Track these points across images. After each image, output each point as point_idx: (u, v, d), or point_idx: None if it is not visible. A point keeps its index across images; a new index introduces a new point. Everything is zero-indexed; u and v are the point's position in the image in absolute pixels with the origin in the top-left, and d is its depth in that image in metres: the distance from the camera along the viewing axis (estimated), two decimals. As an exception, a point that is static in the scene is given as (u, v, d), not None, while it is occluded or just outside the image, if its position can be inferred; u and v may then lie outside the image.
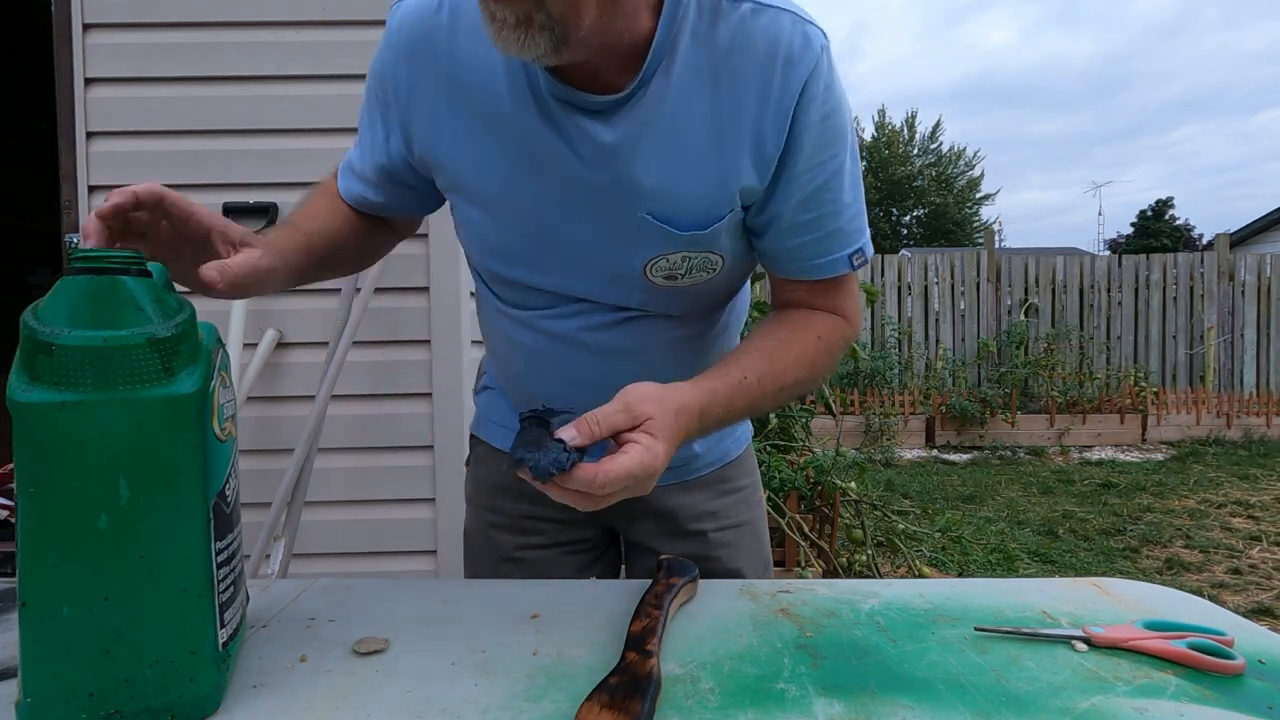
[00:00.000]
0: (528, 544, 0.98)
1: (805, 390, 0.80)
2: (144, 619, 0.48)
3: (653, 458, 0.59)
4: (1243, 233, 12.43)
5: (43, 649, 0.46)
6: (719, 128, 0.70)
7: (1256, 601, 3.23)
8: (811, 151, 0.72)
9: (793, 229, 0.76)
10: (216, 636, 0.51)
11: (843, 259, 0.77)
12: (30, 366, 0.46)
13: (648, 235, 0.73)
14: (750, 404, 0.72)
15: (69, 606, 0.46)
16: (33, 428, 0.46)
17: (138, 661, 0.48)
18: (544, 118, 0.71)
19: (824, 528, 3.12)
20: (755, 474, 1.04)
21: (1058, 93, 69.93)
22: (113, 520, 0.47)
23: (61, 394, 0.46)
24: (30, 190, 4.07)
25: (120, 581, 0.47)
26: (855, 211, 0.77)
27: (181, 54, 1.95)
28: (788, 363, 0.75)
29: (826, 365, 0.78)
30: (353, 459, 2.02)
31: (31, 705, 0.46)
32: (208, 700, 0.50)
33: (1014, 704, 0.51)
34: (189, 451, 0.49)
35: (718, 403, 0.68)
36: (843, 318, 0.80)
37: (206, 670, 0.50)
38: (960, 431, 6.93)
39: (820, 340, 0.78)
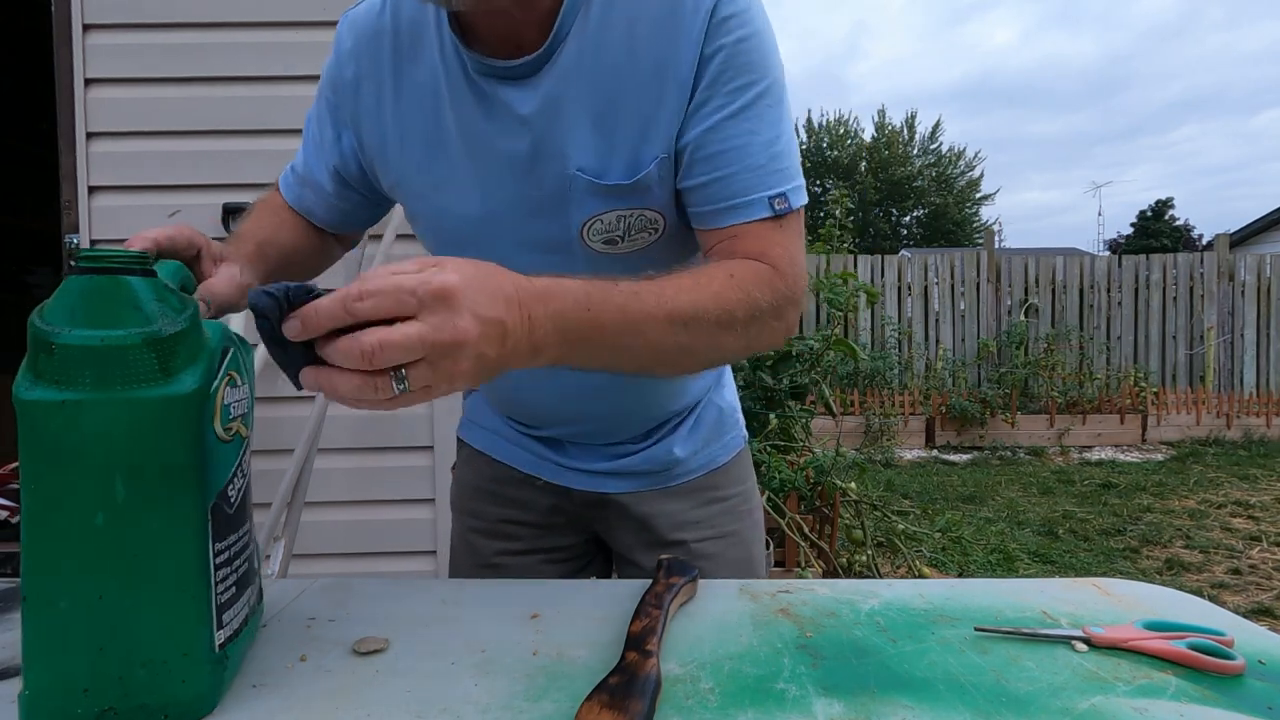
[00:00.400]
0: (506, 549, 0.97)
1: (717, 329, 0.64)
2: (137, 618, 0.48)
3: (434, 272, 0.49)
4: (1242, 233, 12.44)
5: (42, 643, 0.47)
6: (638, 69, 0.69)
7: (1256, 601, 3.23)
8: (722, 75, 0.69)
9: (705, 162, 0.70)
10: (213, 638, 0.51)
11: (761, 201, 0.70)
12: (34, 365, 0.47)
13: (578, 193, 0.72)
14: (623, 312, 0.59)
15: (66, 602, 0.47)
16: (34, 425, 0.46)
17: (130, 660, 0.48)
18: (477, 99, 0.73)
19: (824, 528, 3.12)
20: (746, 483, 1.00)
21: (1058, 93, 70.05)
22: (109, 518, 0.47)
23: (61, 392, 0.46)
24: (30, 190, 4.07)
25: (115, 580, 0.47)
26: (777, 152, 0.71)
27: (181, 54, 1.96)
28: (682, 288, 0.63)
29: (744, 307, 0.66)
30: (353, 459, 2.02)
31: (30, 698, 0.47)
32: (202, 701, 0.50)
33: (1014, 704, 0.51)
34: (187, 452, 0.49)
35: (568, 286, 0.57)
36: (767, 264, 0.70)
37: (199, 672, 0.50)
38: (960, 432, 6.93)
39: (733, 278, 0.67)
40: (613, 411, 0.90)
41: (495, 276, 0.52)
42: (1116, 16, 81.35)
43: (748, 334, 0.67)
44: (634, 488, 0.93)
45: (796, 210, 0.72)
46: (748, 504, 0.99)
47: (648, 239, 0.75)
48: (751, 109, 0.70)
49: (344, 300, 0.47)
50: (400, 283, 0.47)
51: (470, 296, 0.49)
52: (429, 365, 0.48)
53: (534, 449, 0.95)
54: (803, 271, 0.73)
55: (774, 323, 0.70)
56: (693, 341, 0.63)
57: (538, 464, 0.95)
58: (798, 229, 0.73)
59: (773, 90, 0.71)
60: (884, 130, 28.58)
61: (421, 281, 0.47)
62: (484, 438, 1.00)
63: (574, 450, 0.93)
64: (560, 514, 0.96)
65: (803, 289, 0.72)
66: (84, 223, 1.96)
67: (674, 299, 0.62)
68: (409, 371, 0.47)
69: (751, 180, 0.70)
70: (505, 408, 0.97)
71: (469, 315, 0.48)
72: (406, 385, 0.48)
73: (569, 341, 0.57)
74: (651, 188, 0.72)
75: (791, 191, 0.72)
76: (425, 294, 0.47)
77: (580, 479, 0.93)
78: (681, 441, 0.92)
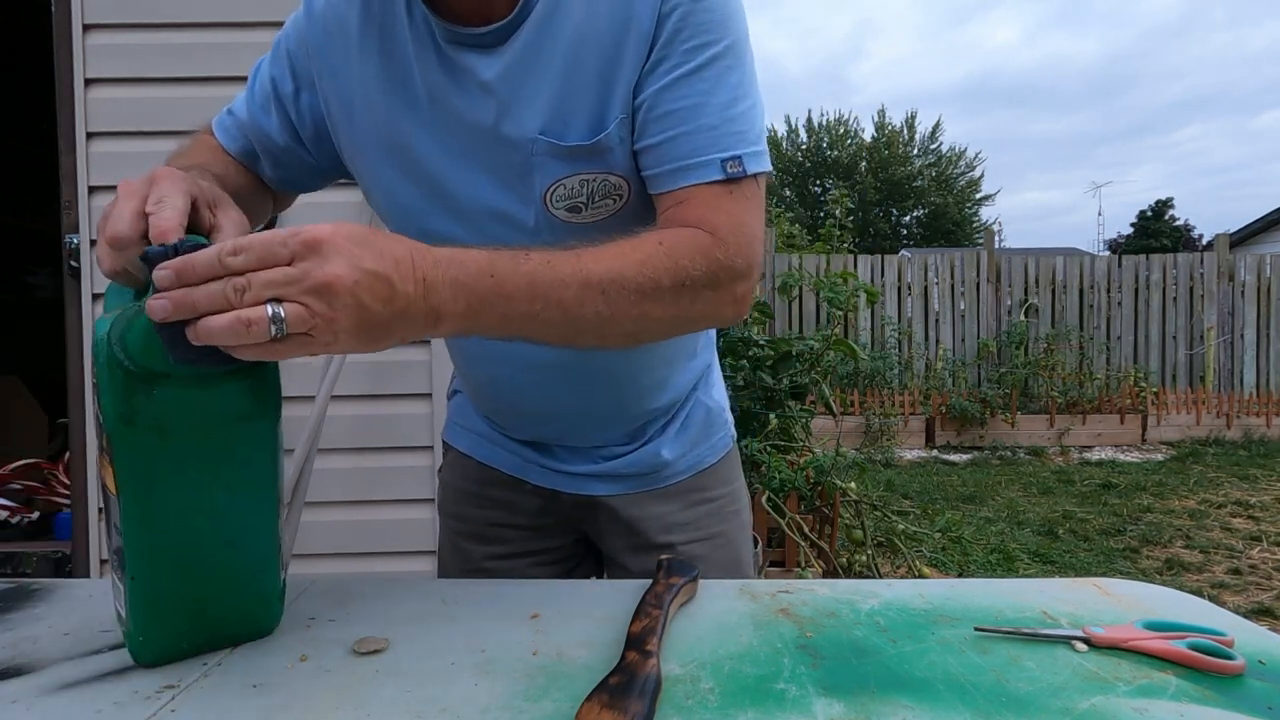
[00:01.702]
0: (494, 553, 0.96)
1: (640, 299, 0.62)
2: (231, 585, 0.58)
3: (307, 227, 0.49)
4: (1242, 233, 12.44)
5: (148, 609, 0.55)
6: (598, 29, 0.69)
7: (1256, 601, 3.23)
8: (679, 34, 0.67)
9: (657, 121, 0.69)
10: (281, 581, 0.62)
11: (713, 163, 0.68)
12: (128, 400, 0.51)
13: (540, 157, 0.71)
14: (531, 280, 0.58)
15: (167, 578, 0.55)
16: (134, 455, 0.52)
17: (227, 614, 0.59)
18: (445, 68, 0.72)
19: (824, 528, 3.12)
20: (734, 482, 0.99)
21: (1061, 92, 69.94)
22: (210, 521, 0.56)
23: (161, 432, 0.52)
24: (30, 190, 4.07)
25: (211, 561, 0.57)
26: (734, 114, 0.69)
27: (181, 54, 1.95)
28: (603, 256, 0.61)
29: (670, 275, 0.63)
30: (353, 459, 2.02)
31: (143, 642, 0.56)
32: (272, 622, 0.62)
33: (1014, 704, 0.51)
34: (271, 462, 0.59)
35: (471, 256, 0.57)
36: (707, 231, 0.67)
37: (273, 606, 0.62)
38: (960, 432, 6.93)
39: (661, 245, 0.64)
40: (589, 408, 0.88)
41: (384, 238, 0.53)
42: (1120, 15, 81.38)
43: (678, 304, 0.64)
44: (622, 490, 0.92)
45: (753, 176, 0.69)
46: (735, 504, 0.98)
47: (612, 206, 0.73)
48: (708, 69, 0.68)
49: (217, 254, 0.47)
50: (272, 235, 0.48)
51: (344, 247, 0.49)
52: (304, 309, 0.48)
53: (520, 452, 0.94)
54: (753, 241, 0.69)
55: (709, 293, 0.66)
56: (612, 311, 0.61)
57: (524, 467, 0.94)
58: (754, 197, 0.70)
59: (732, 51, 0.69)
60: (884, 130, 28.58)
61: (291, 233, 0.49)
62: (469, 440, 0.99)
63: (561, 453, 0.93)
64: (548, 515, 0.96)
65: (752, 260, 0.69)
66: (84, 223, 1.96)
67: (591, 266, 0.60)
68: (285, 312, 0.47)
69: (703, 141, 0.68)
70: (486, 408, 0.96)
71: (341, 261, 0.49)
72: (284, 328, 0.47)
73: (472, 308, 0.56)
74: (613, 149, 0.71)
75: (748, 156, 0.69)
76: (295, 244, 0.48)
77: (568, 482, 0.93)
78: (669, 443, 0.92)
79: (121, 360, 0.50)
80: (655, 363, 0.87)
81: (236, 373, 0.54)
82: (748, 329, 3.28)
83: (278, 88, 0.81)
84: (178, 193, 0.55)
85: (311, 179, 0.87)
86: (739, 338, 3.17)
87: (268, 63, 0.82)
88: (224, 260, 0.47)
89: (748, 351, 3.16)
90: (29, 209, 4.19)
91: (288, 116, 0.81)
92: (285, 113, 0.81)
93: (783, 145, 28.90)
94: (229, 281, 0.47)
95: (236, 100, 0.85)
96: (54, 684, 0.54)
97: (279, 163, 0.84)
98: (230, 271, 0.47)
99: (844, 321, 7.77)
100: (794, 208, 24.59)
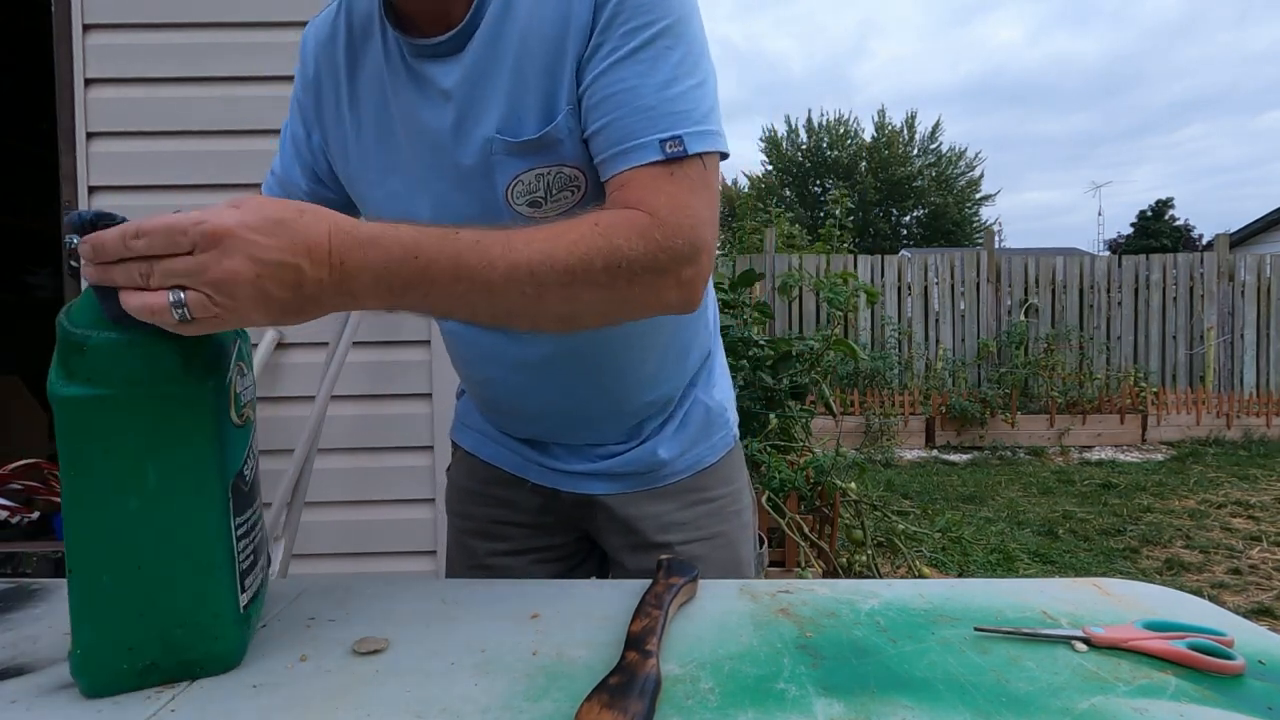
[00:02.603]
0: (497, 550, 0.97)
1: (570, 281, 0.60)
2: (173, 587, 0.54)
3: (209, 213, 0.49)
4: (1242, 233, 12.44)
5: (88, 610, 0.53)
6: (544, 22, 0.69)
7: (1256, 601, 3.23)
8: (617, 18, 0.67)
9: (597, 107, 0.68)
10: (238, 601, 0.57)
11: (650, 144, 0.66)
12: (66, 364, 0.51)
13: (499, 156, 0.72)
14: (456, 261, 0.57)
15: (107, 574, 0.53)
16: (70, 419, 0.51)
17: (168, 623, 0.54)
18: (413, 82, 0.75)
19: (824, 528, 3.12)
20: (736, 482, 0.98)
21: (1064, 92, 69.78)
22: (142, 502, 0.53)
23: (94, 389, 0.51)
24: (30, 190, 4.07)
25: (150, 555, 0.54)
26: (674, 94, 0.67)
27: (181, 54, 1.95)
28: (534, 238, 0.60)
29: (604, 256, 0.61)
30: (353, 459, 2.02)
31: (81, 656, 0.53)
32: (231, 655, 0.57)
33: (1014, 704, 0.51)
34: (208, 440, 0.55)
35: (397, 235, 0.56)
36: (645, 212, 0.65)
37: (229, 630, 0.57)
38: (960, 432, 6.93)
39: (596, 226, 0.62)
40: (578, 406, 0.89)
41: (298, 221, 0.52)
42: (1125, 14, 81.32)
43: (612, 287, 0.62)
44: (620, 489, 0.92)
45: (696, 155, 0.67)
46: (736, 505, 0.97)
47: (571, 199, 0.73)
48: (645, 50, 0.67)
49: (122, 235, 0.48)
50: (175, 222, 0.48)
51: (246, 239, 0.49)
52: (206, 299, 0.49)
53: (520, 451, 0.95)
54: (699, 223, 0.66)
55: (649, 276, 0.64)
56: (540, 293, 0.60)
57: (525, 466, 0.95)
58: (698, 178, 0.68)
59: (673, 30, 0.68)
60: (884, 130, 28.58)
61: (194, 222, 0.48)
62: (473, 439, 1.00)
63: (559, 451, 0.93)
64: (549, 514, 0.96)
65: (697, 243, 0.66)
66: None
67: (521, 249, 0.59)
68: (187, 299, 0.49)
69: (640, 123, 0.67)
70: (484, 407, 0.97)
71: (241, 257, 0.49)
72: (187, 313, 0.49)
73: (393, 290, 0.56)
74: (563, 140, 0.71)
75: (690, 136, 0.67)
76: (197, 234, 0.48)
77: (566, 480, 0.93)
78: (667, 442, 0.92)
79: (64, 325, 0.52)
80: (640, 358, 0.87)
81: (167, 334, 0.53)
82: (748, 329, 3.28)
83: (294, 135, 0.86)
84: None
85: None
86: (739, 338, 3.17)
87: (288, 115, 0.88)
88: (127, 243, 0.48)
89: (748, 351, 3.16)
90: (29, 209, 4.19)
91: (306, 161, 0.86)
92: (303, 157, 0.86)
93: (783, 145, 28.91)
94: (135, 264, 0.49)
95: (275, 157, 0.90)
96: (54, 684, 0.54)
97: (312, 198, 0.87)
98: (134, 254, 0.48)
99: (844, 321, 7.77)
100: (794, 208, 24.57)
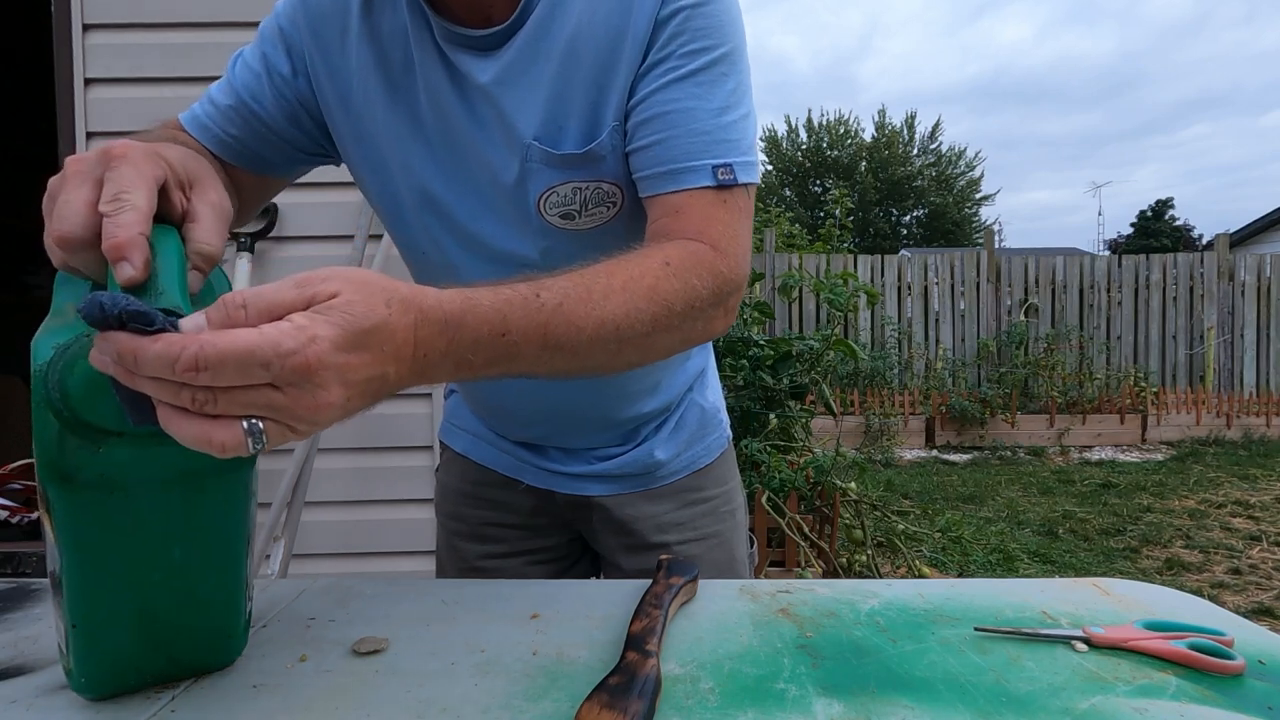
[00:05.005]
0: (489, 553, 0.97)
1: (652, 330, 0.59)
2: (188, 629, 0.53)
3: (297, 338, 0.39)
4: (1242, 233, 12.44)
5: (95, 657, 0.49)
6: (595, 35, 0.68)
7: (1256, 601, 3.23)
8: (676, 39, 0.67)
9: (648, 124, 0.68)
10: (246, 618, 0.56)
11: (704, 168, 0.67)
12: (67, 458, 0.42)
13: (534, 164, 0.70)
14: (545, 331, 0.53)
15: (118, 629, 0.50)
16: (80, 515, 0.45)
17: (178, 653, 0.53)
18: (444, 67, 0.72)
19: (824, 528, 3.12)
20: (730, 482, 0.98)
21: (1068, 92, 69.72)
22: (165, 574, 0.50)
23: (109, 493, 0.44)
24: (30, 190, 4.07)
25: (167, 607, 0.51)
26: (727, 122, 0.68)
27: (181, 54, 1.96)
28: (613, 289, 0.58)
29: (682, 299, 0.61)
30: (353, 459, 2.02)
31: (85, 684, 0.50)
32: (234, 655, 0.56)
33: (1014, 704, 0.51)
34: (241, 515, 0.52)
35: (482, 313, 0.50)
36: (707, 244, 0.65)
37: (236, 642, 0.56)
38: (960, 432, 6.93)
39: (668, 266, 0.61)
40: (577, 413, 0.89)
41: (387, 324, 0.44)
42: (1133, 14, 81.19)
43: (684, 328, 0.63)
44: (616, 490, 0.92)
45: (743, 186, 0.68)
46: (730, 505, 0.97)
47: (606, 214, 0.73)
48: (703, 74, 0.67)
49: (170, 361, 0.37)
50: (253, 352, 0.38)
51: (338, 366, 0.41)
52: (289, 430, 0.42)
53: (515, 452, 0.94)
54: (745, 254, 0.68)
55: (713, 311, 0.65)
56: (622, 346, 0.59)
57: (519, 468, 0.94)
58: (744, 208, 0.69)
59: (729, 59, 0.69)
60: (884, 130, 28.57)
61: (280, 354, 0.39)
62: (464, 441, 0.99)
63: (555, 454, 0.93)
64: (543, 515, 0.96)
65: (745, 273, 0.68)
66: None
67: (602, 304, 0.56)
68: (265, 429, 0.40)
69: (695, 145, 0.67)
70: (478, 409, 0.96)
71: (335, 386, 0.41)
72: (263, 442, 0.40)
73: (475, 368, 0.51)
74: (606, 158, 0.70)
75: (739, 165, 0.68)
76: (283, 370, 0.39)
77: (563, 482, 0.93)
78: (663, 444, 0.92)
79: (60, 409, 0.41)
80: (643, 369, 0.85)
81: None
82: (747, 329, 3.29)
83: (270, 67, 0.76)
84: (140, 183, 0.46)
85: (294, 162, 0.81)
86: (739, 338, 3.17)
87: (252, 47, 0.78)
88: (180, 374, 0.37)
89: (748, 351, 3.16)
90: (29, 209, 4.19)
91: (283, 95, 0.76)
92: (280, 92, 0.76)
93: (783, 145, 28.89)
94: (189, 389, 0.38)
95: (211, 92, 0.77)
96: (54, 684, 0.54)
97: (265, 142, 0.77)
98: (191, 383, 0.38)
99: (844, 321, 7.77)
100: (794, 208, 24.54)
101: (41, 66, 2.42)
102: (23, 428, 2.40)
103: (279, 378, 0.39)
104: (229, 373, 0.38)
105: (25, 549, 2.15)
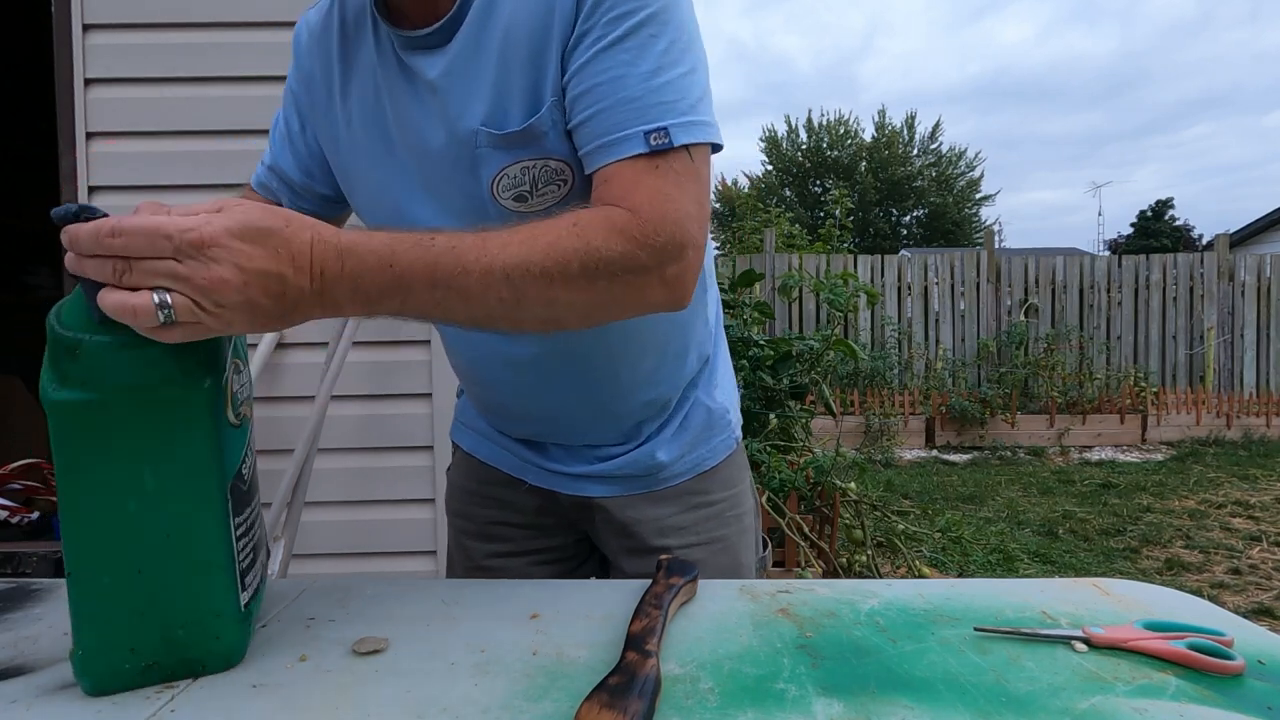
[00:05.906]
0: (496, 551, 0.97)
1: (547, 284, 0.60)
2: (173, 588, 0.54)
3: (196, 220, 0.48)
4: (1243, 233, 12.44)
5: (89, 610, 0.53)
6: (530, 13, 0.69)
7: (1256, 601, 3.23)
8: (599, 6, 0.66)
9: (580, 99, 0.67)
10: (239, 599, 0.57)
11: (635, 136, 0.65)
12: (58, 367, 0.50)
13: (484, 149, 0.71)
14: (433, 269, 0.57)
15: (108, 576, 0.53)
16: (65, 423, 0.51)
17: (170, 623, 0.54)
18: (402, 74, 0.75)
19: (824, 528, 3.12)
20: (737, 487, 0.96)
21: (1070, 91, 69.54)
22: (140, 504, 0.52)
23: (87, 394, 0.50)
24: (30, 190, 4.07)
25: (150, 556, 0.53)
26: (659, 84, 0.66)
27: (181, 54, 1.95)
28: (511, 241, 0.59)
29: (580, 257, 0.60)
30: (353, 459, 2.02)
31: (83, 657, 0.53)
32: (233, 652, 0.57)
33: (1014, 704, 0.51)
34: (205, 441, 0.54)
35: (374, 245, 0.56)
36: (627, 209, 0.63)
37: (230, 629, 0.57)
38: (960, 432, 6.93)
39: (575, 226, 0.61)
40: (570, 405, 0.88)
41: (283, 231, 0.52)
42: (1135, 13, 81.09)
43: (593, 288, 0.61)
44: (618, 491, 0.91)
45: (683, 147, 0.66)
46: (737, 509, 0.95)
47: (557, 192, 0.72)
48: (629, 40, 0.66)
49: (96, 231, 0.47)
50: (157, 226, 0.47)
51: (232, 248, 0.49)
52: (192, 303, 0.48)
53: (518, 451, 0.94)
54: (684, 218, 0.65)
55: (632, 276, 0.62)
56: (517, 296, 0.59)
57: (522, 467, 0.94)
58: (685, 170, 0.66)
59: (659, 17, 0.67)
60: (884, 130, 28.57)
61: (181, 229, 0.47)
62: (472, 440, 1.00)
63: (556, 452, 0.93)
64: (548, 515, 0.96)
65: (682, 238, 0.64)
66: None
67: (496, 253, 0.58)
68: (173, 301, 0.48)
69: (624, 115, 0.65)
70: (479, 405, 0.97)
71: (229, 265, 0.49)
72: (172, 315, 0.48)
73: (370, 298, 0.56)
74: (547, 133, 0.70)
75: (676, 127, 0.65)
76: (182, 241, 0.47)
77: (564, 482, 0.92)
78: (666, 445, 0.90)
79: (55, 327, 0.51)
80: (635, 358, 0.86)
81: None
82: (748, 329, 3.28)
83: (288, 126, 0.86)
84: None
85: (329, 210, 0.90)
86: (739, 338, 3.17)
87: (280, 109, 0.88)
88: (101, 240, 0.47)
89: (748, 351, 3.16)
90: (29, 209, 4.19)
91: (300, 153, 0.86)
92: (296, 150, 0.86)
93: (783, 145, 28.89)
94: (110, 260, 0.47)
95: (266, 151, 0.90)
96: (54, 684, 0.54)
97: (299, 197, 0.88)
98: (110, 252, 0.47)
99: (844, 321, 7.77)
100: (794, 208, 24.55)
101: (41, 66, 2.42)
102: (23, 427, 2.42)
103: (179, 250, 0.47)
104: (140, 242, 0.47)
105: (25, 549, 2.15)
